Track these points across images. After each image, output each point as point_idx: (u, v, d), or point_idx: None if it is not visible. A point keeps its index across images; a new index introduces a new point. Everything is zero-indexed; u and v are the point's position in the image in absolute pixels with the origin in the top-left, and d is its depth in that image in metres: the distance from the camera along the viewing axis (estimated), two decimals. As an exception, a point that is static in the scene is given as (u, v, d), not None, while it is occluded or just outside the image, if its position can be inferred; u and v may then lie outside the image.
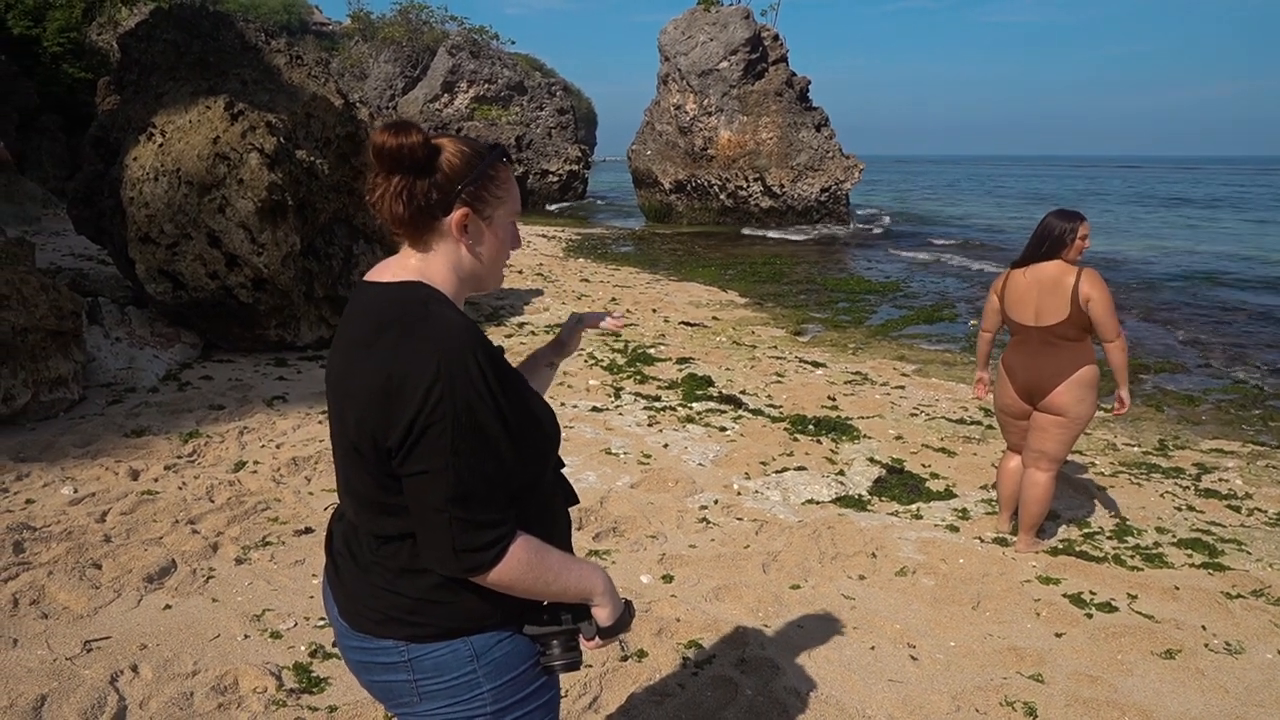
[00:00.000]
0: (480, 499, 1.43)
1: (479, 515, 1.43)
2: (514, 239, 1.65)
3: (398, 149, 1.46)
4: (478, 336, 1.46)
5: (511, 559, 1.46)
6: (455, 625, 1.54)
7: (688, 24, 30.58)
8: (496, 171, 1.57)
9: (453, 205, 1.52)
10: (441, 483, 1.41)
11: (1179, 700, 3.34)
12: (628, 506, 5.01)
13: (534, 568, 1.49)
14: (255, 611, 3.67)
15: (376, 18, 49.37)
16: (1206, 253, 22.91)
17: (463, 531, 1.43)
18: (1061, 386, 4.31)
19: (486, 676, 1.56)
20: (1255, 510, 5.41)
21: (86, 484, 4.92)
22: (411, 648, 1.55)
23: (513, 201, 1.61)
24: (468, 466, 1.41)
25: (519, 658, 1.59)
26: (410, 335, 1.44)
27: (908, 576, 4.30)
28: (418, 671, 1.56)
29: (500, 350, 1.56)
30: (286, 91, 8.81)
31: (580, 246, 21.73)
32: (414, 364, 1.40)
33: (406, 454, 1.42)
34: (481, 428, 1.41)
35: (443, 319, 1.46)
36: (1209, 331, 12.32)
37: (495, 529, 1.45)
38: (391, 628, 1.55)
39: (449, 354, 1.40)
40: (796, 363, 9.23)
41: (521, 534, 1.49)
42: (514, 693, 1.59)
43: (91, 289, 9.52)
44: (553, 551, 1.53)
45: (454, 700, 1.57)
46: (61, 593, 3.69)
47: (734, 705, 3.15)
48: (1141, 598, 4.15)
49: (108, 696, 3.00)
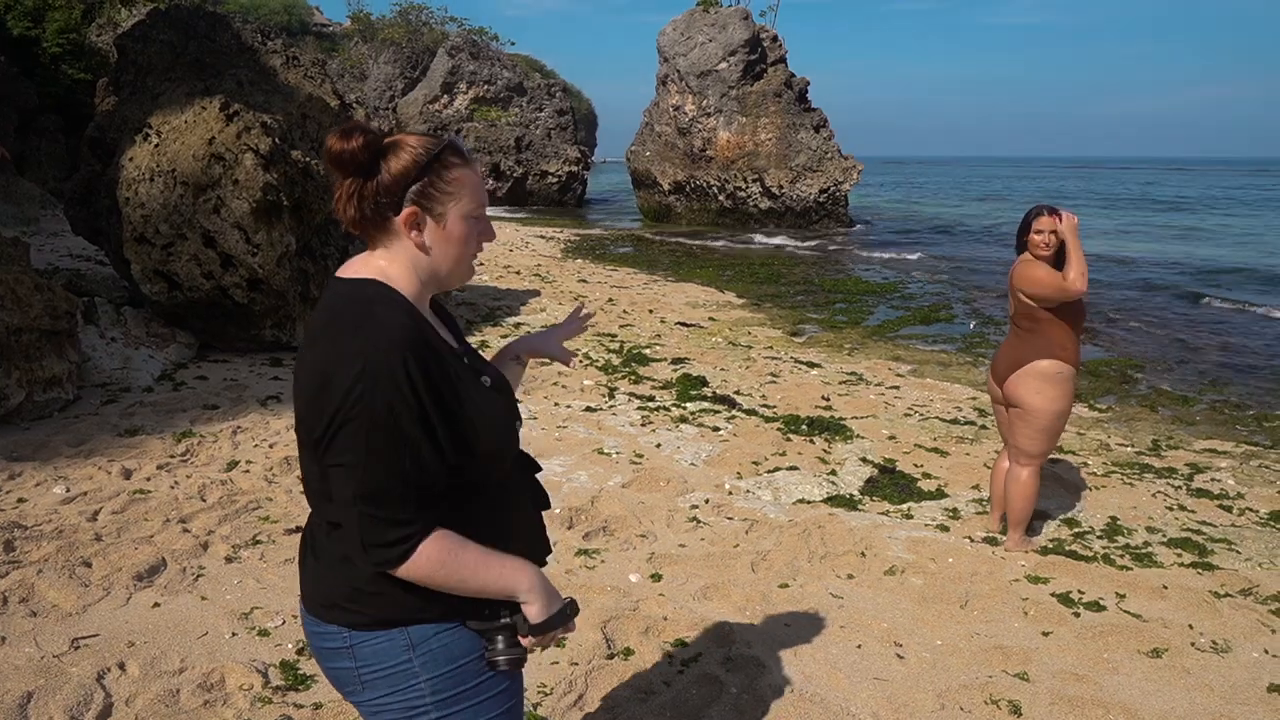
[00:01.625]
0: (391, 498, 1.46)
1: (388, 513, 1.46)
2: (482, 234, 1.65)
3: (340, 153, 1.52)
4: (414, 340, 1.50)
5: (420, 557, 1.49)
6: (390, 615, 1.57)
7: (687, 25, 30.61)
8: (446, 169, 1.57)
9: (401, 205, 1.56)
10: (354, 478, 1.45)
11: (1164, 698, 3.35)
12: (618, 506, 5.02)
13: (445, 565, 1.51)
14: (244, 609, 3.68)
15: (376, 19, 49.44)
16: (1204, 254, 22.92)
17: (370, 527, 1.47)
18: (1015, 377, 4.39)
19: (423, 667, 1.58)
20: (1246, 510, 5.41)
21: (79, 483, 4.93)
22: (354, 634, 1.58)
23: (468, 198, 1.60)
24: (381, 465, 1.44)
25: (460, 650, 1.61)
26: (346, 333, 1.48)
27: (896, 576, 4.31)
28: (359, 659, 1.59)
29: (456, 355, 1.60)
30: (282, 92, 8.83)
31: (578, 247, 21.76)
32: (342, 361, 1.45)
33: (327, 446, 1.47)
34: (399, 429, 1.45)
35: (380, 320, 1.50)
36: (1206, 332, 12.33)
37: (403, 527, 1.48)
38: (335, 614, 1.59)
39: (376, 355, 1.45)
40: (792, 363, 9.24)
41: (437, 531, 1.51)
42: (455, 685, 1.60)
43: (87, 289, 9.53)
44: (470, 549, 1.54)
45: (393, 689, 1.59)
46: (51, 591, 3.70)
47: (719, 703, 3.16)
48: (1130, 597, 4.16)
49: (94, 694, 3.01)
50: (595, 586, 4.04)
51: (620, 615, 3.73)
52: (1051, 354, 4.30)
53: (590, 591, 3.98)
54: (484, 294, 12.62)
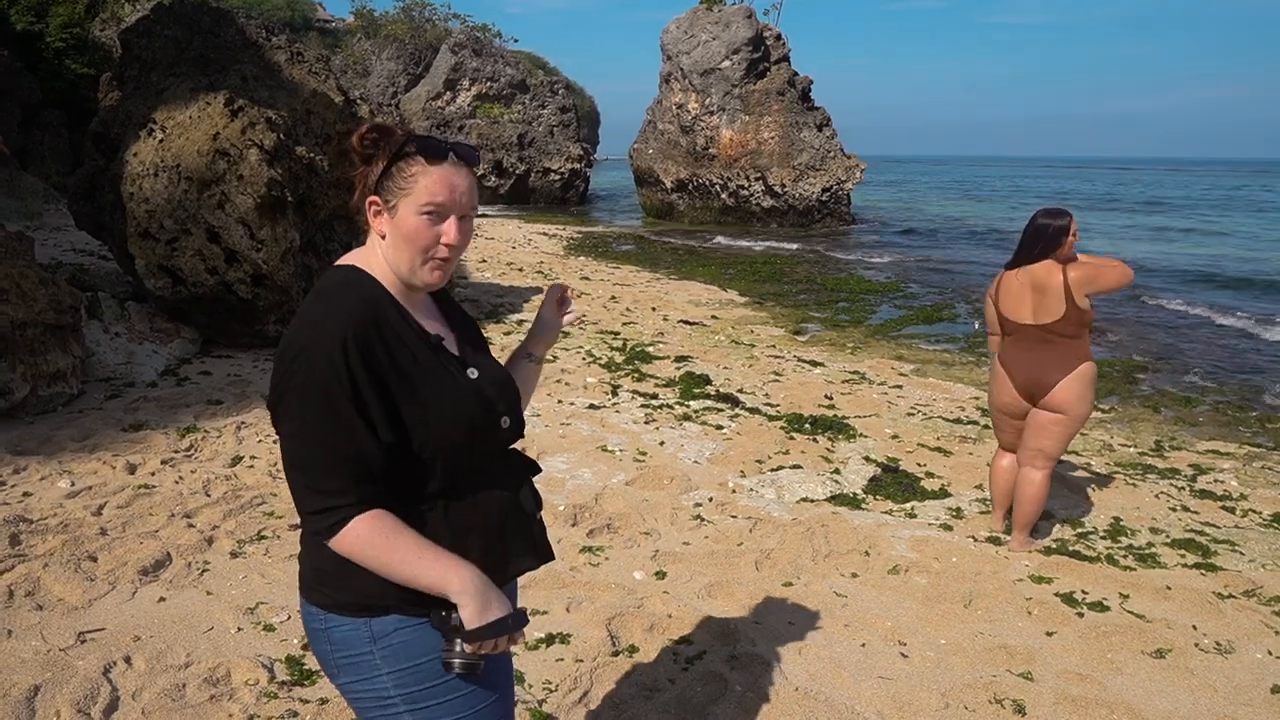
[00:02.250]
0: (320, 468, 1.51)
1: (318, 483, 1.52)
2: (436, 234, 1.62)
3: (350, 146, 1.64)
4: (362, 323, 1.54)
5: (350, 532, 1.52)
6: (350, 600, 1.60)
7: (690, 23, 30.59)
8: (404, 163, 1.61)
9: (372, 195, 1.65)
10: (289, 446, 1.54)
11: (1167, 699, 3.35)
12: (622, 503, 5.02)
13: (374, 546, 1.53)
14: (249, 604, 3.69)
15: (380, 15, 49.39)
16: (1206, 255, 22.90)
17: (303, 495, 1.54)
18: (1063, 383, 4.33)
19: (384, 660, 1.60)
20: (1250, 511, 5.41)
21: (84, 477, 4.94)
22: (329, 618, 1.63)
23: (421, 194, 1.59)
24: (311, 437, 1.51)
25: (421, 648, 1.60)
26: (305, 312, 1.57)
27: (900, 575, 4.31)
28: (332, 643, 1.64)
29: (423, 343, 1.63)
30: (286, 88, 8.83)
31: (581, 245, 21.76)
32: (292, 336, 1.54)
33: (273, 415, 1.56)
34: (331, 406, 1.50)
35: (333, 302, 1.57)
36: (1207, 334, 12.33)
37: (331, 498, 1.51)
38: (310, 593, 1.66)
39: (320, 333, 1.52)
40: (795, 362, 9.24)
41: (375, 511, 1.54)
42: (418, 682, 1.60)
43: (91, 284, 9.53)
44: (406, 535, 1.55)
45: (360, 678, 1.62)
46: (57, 585, 3.71)
47: (723, 701, 3.16)
48: (1133, 597, 4.16)
49: (100, 687, 3.02)
50: (599, 584, 4.05)
51: (625, 613, 3.73)
52: (1089, 357, 4.37)
53: (594, 589, 3.99)
54: (486, 291, 12.63)
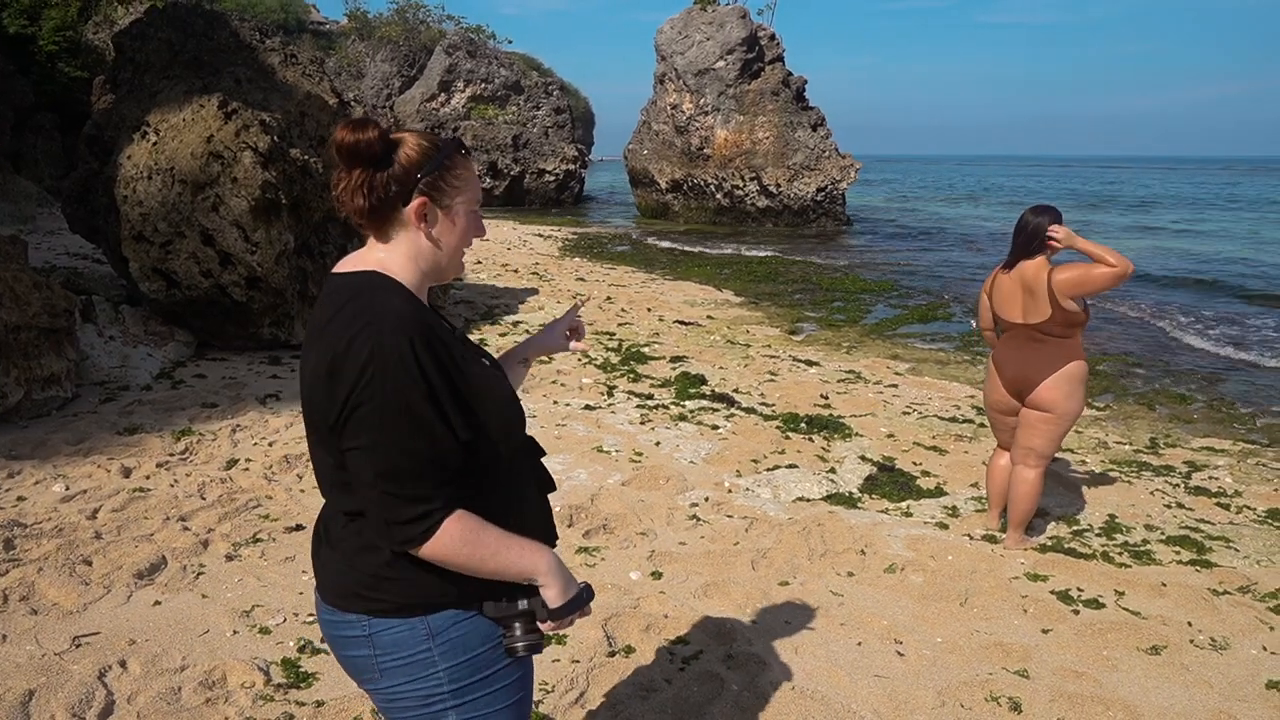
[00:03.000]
0: (408, 475, 1.49)
1: (407, 491, 1.50)
2: (476, 228, 1.72)
3: (355, 144, 1.56)
4: (418, 323, 1.54)
5: (444, 534, 1.52)
6: (410, 601, 1.60)
7: (684, 23, 30.58)
8: (453, 162, 1.63)
9: (411, 195, 1.60)
10: (371, 459, 1.49)
11: (1163, 695, 3.36)
12: (618, 504, 5.02)
13: (468, 544, 1.54)
14: (245, 607, 3.68)
15: (373, 17, 49.26)
16: (1203, 251, 22.95)
17: (392, 506, 1.50)
18: (1049, 381, 4.34)
19: (442, 655, 1.61)
20: (1244, 508, 5.43)
21: (78, 481, 4.92)
22: (373, 622, 1.61)
23: (470, 191, 1.67)
24: (395, 444, 1.48)
25: (477, 639, 1.64)
26: (353, 320, 1.53)
27: (896, 573, 4.32)
28: (378, 647, 1.62)
29: (456, 338, 1.65)
30: (280, 90, 8.81)
31: (576, 246, 21.74)
32: (352, 347, 1.49)
33: (342, 430, 1.51)
34: (411, 409, 1.48)
35: (384, 306, 1.54)
36: (1200, 330, 12.35)
37: (424, 504, 1.51)
38: (353, 602, 1.62)
39: (384, 338, 1.49)
40: (790, 361, 9.25)
41: (459, 511, 1.54)
42: (471, 673, 1.63)
43: (86, 287, 9.52)
44: (490, 529, 1.57)
45: (411, 678, 1.62)
46: (51, 589, 3.70)
47: (720, 700, 3.17)
48: (1129, 594, 4.17)
49: (96, 691, 3.01)
50: (596, 584, 4.04)
51: (621, 613, 3.74)
52: (1079, 357, 4.36)
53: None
54: (482, 292, 12.62)
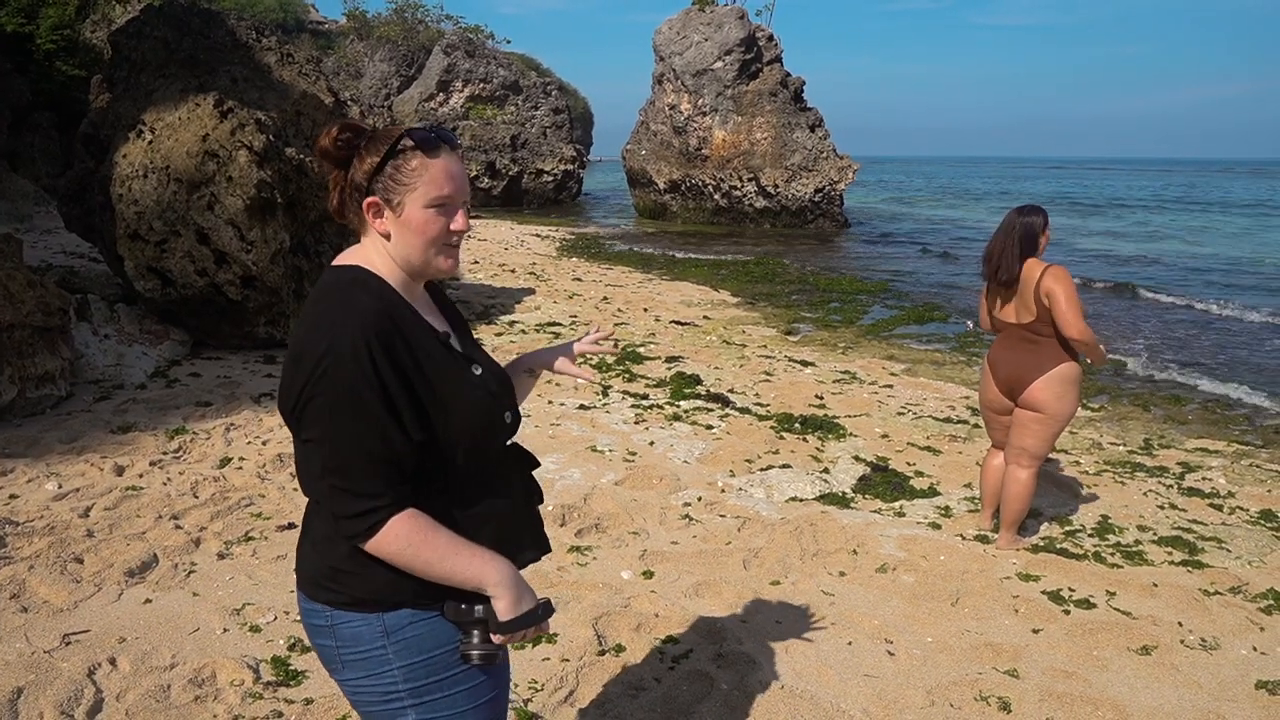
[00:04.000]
0: (357, 471, 1.50)
1: (354, 486, 1.51)
2: (438, 224, 1.62)
3: (324, 148, 1.62)
4: (382, 321, 1.54)
5: (388, 533, 1.52)
6: (366, 596, 1.60)
7: (682, 24, 30.58)
8: (405, 160, 1.60)
9: (365, 195, 1.62)
10: (320, 452, 1.52)
11: (1152, 695, 3.36)
12: (611, 503, 5.03)
13: (412, 545, 1.53)
14: (235, 605, 3.68)
15: (372, 16, 49.25)
16: (1196, 253, 22.98)
17: (339, 499, 1.52)
18: (1040, 382, 4.34)
19: (396, 654, 1.61)
20: (1237, 509, 5.44)
21: (71, 479, 4.92)
22: (335, 614, 1.63)
23: (427, 187, 1.60)
24: (345, 439, 1.50)
25: (433, 640, 1.63)
26: (321, 313, 1.55)
27: (888, 573, 4.32)
28: (339, 639, 1.63)
29: (436, 339, 1.64)
30: (276, 89, 8.81)
31: (574, 246, 21.73)
32: (312, 338, 1.52)
33: (298, 421, 1.54)
34: (363, 405, 1.49)
35: (349, 302, 1.55)
36: (1198, 331, 12.37)
37: (370, 500, 1.51)
38: (319, 591, 1.64)
39: (342, 334, 1.50)
40: (786, 362, 9.25)
41: (410, 510, 1.54)
42: (427, 675, 1.62)
43: (81, 286, 9.50)
44: (441, 533, 1.56)
45: (368, 673, 1.63)
46: (42, 587, 3.70)
47: (709, 699, 3.17)
48: (1120, 594, 4.17)
49: (85, 689, 3.01)
50: (587, 583, 4.05)
51: (612, 612, 3.74)
52: (1072, 357, 4.35)
53: (582, 588, 3.99)
54: (478, 292, 12.62)
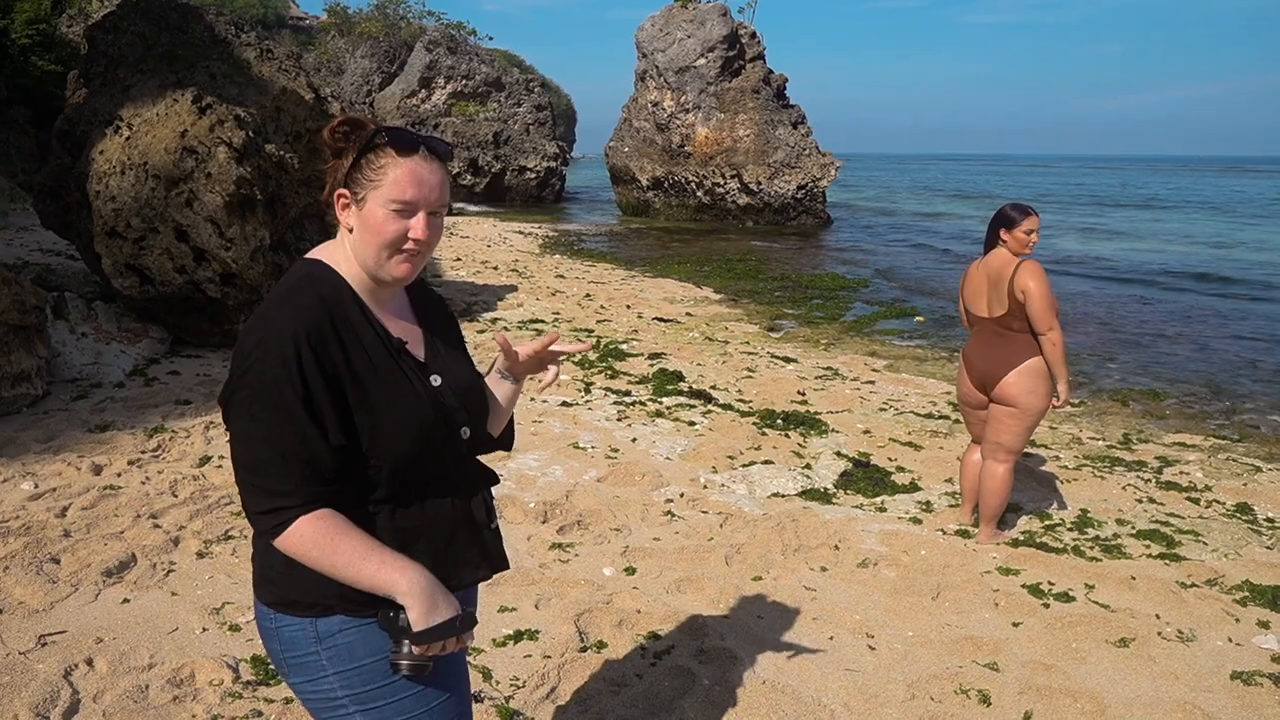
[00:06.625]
0: (270, 468, 1.50)
1: (265, 483, 1.50)
2: (404, 228, 1.58)
3: (323, 140, 1.62)
4: (319, 323, 1.52)
5: (295, 532, 1.51)
6: (295, 598, 1.60)
7: (665, 21, 30.59)
8: (376, 156, 1.58)
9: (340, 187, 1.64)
10: (237, 445, 1.53)
11: (1130, 686, 3.39)
12: (593, 500, 5.02)
13: (319, 546, 1.51)
14: (214, 605, 3.66)
15: (354, 12, 49.00)
16: (1183, 250, 23.18)
17: (250, 495, 1.52)
18: (1011, 376, 4.38)
19: (330, 661, 1.59)
20: (1214, 502, 5.49)
21: (47, 479, 4.87)
22: (279, 617, 1.62)
23: (391, 188, 1.56)
24: (261, 436, 1.50)
25: (366, 649, 1.59)
26: (265, 306, 1.57)
27: (869, 568, 4.34)
28: (281, 642, 1.63)
29: (383, 344, 1.60)
30: (256, 85, 8.75)
31: (556, 243, 21.71)
32: (248, 334, 1.53)
33: (225, 413, 1.55)
34: (283, 406, 1.49)
35: (290, 300, 1.55)
36: (1176, 327, 12.48)
37: (280, 499, 1.50)
38: (259, 589, 1.65)
39: (273, 332, 1.51)
40: (768, 358, 9.27)
41: (322, 511, 1.52)
42: (365, 682, 1.59)
43: (58, 284, 9.41)
44: (353, 538, 1.52)
45: (308, 678, 1.62)
46: (17, 588, 3.66)
47: (690, 695, 3.17)
48: (1099, 588, 4.21)
49: (61, 690, 2.98)
50: (569, 580, 4.04)
51: (594, 608, 3.74)
52: (1039, 351, 4.37)
53: (564, 585, 3.98)
54: (460, 290, 12.58)
